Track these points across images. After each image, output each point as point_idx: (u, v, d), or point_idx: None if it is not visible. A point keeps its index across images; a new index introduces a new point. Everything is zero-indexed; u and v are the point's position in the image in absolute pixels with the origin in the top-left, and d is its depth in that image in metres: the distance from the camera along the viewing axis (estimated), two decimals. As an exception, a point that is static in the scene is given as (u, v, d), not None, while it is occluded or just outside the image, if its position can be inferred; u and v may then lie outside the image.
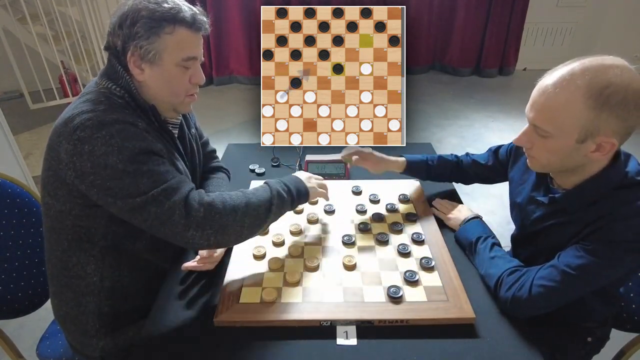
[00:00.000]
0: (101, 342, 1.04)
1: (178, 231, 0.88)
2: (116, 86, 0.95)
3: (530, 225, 1.03)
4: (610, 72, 0.77)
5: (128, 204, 0.87)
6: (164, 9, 0.91)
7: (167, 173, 0.91)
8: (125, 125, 0.88)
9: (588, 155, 0.84)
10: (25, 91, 3.43)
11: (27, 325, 1.74)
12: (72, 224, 0.95)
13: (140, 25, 0.90)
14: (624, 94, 0.76)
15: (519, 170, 1.13)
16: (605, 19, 4.75)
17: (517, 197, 1.10)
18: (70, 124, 0.86)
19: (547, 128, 0.84)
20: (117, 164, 0.85)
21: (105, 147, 0.85)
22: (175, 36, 0.93)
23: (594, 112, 0.78)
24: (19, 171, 2.37)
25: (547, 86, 0.83)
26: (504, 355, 0.86)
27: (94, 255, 0.98)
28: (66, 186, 0.91)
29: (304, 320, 0.92)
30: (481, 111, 4.00)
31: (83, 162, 0.85)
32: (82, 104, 0.90)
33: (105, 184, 0.86)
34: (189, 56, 0.96)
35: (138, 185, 0.86)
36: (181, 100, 1.02)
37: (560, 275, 0.87)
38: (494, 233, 1.11)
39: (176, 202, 0.88)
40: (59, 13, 3.53)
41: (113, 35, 0.94)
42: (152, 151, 0.91)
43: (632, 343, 1.16)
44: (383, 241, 1.13)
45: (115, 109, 0.91)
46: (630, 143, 0.87)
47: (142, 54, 0.92)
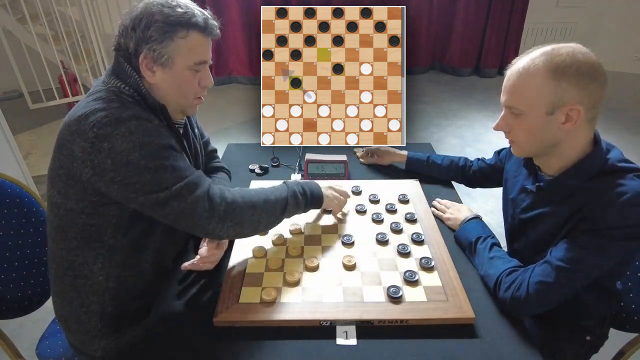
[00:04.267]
0: (103, 342, 1.04)
1: (201, 223, 0.92)
2: (125, 85, 0.95)
3: (520, 213, 1.06)
4: (562, 50, 0.87)
5: (151, 199, 0.88)
6: (177, 13, 0.92)
7: (187, 169, 0.93)
8: (142, 121, 0.89)
9: (560, 128, 0.89)
10: (25, 91, 3.43)
11: (27, 325, 1.74)
12: (83, 222, 0.95)
13: (155, 29, 0.91)
14: (577, 66, 0.85)
15: (513, 165, 1.16)
16: (605, 19, 4.75)
17: (511, 192, 1.13)
18: (84, 122, 0.86)
19: (517, 105, 0.92)
20: (140, 160, 0.86)
21: (126, 143, 0.85)
22: (188, 41, 0.94)
23: (553, 83, 0.86)
24: (19, 171, 2.37)
25: (512, 71, 0.93)
26: (503, 355, 0.86)
27: (101, 254, 0.98)
28: (80, 184, 0.90)
29: (304, 320, 0.92)
30: (481, 111, 4.00)
31: (102, 159, 0.85)
32: (94, 102, 0.90)
33: (127, 181, 0.86)
34: (200, 60, 0.98)
35: (161, 180, 0.88)
36: (190, 102, 1.03)
37: (555, 270, 0.89)
38: (494, 233, 1.11)
39: (199, 196, 0.91)
40: (59, 13, 3.53)
41: (125, 37, 0.94)
42: (171, 146, 0.93)
43: (632, 343, 1.16)
44: (383, 241, 1.13)
45: (128, 105, 0.91)
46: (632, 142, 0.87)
47: (155, 57, 0.93)
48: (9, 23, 3.44)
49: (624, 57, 4.74)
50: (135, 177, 0.86)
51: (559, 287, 0.89)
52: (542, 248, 0.95)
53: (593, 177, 0.91)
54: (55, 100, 3.61)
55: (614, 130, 3.48)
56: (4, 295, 1.16)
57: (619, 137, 3.28)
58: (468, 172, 1.41)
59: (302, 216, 1.24)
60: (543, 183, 0.99)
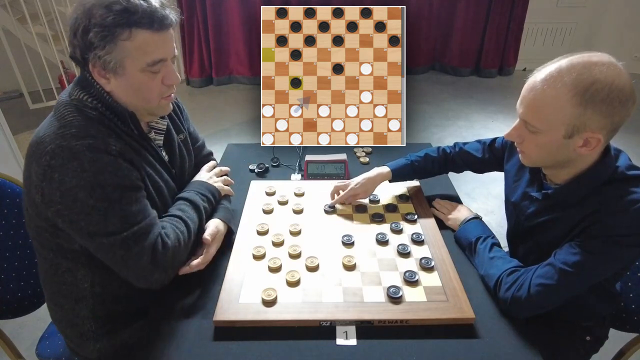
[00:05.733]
0: (98, 344, 1.03)
1: (144, 274, 0.89)
2: (89, 96, 0.89)
3: (525, 220, 1.05)
4: (595, 70, 0.79)
5: (94, 242, 0.84)
6: (115, 11, 0.81)
7: (138, 213, 0.87)
8: (99, 154, 0.82)
9: (576, 150, 0.86)
10: (24, 91, 3.43)
11: (27, 325, 1.74)
12: (51, 236, 0.91)
13: (93, 34, 0.81)
14: (608, 91, 0.78)
15: (514, 166, 1.14)
16: (605, 19, 4.75)
17: (512, 195, 1.11)
18: (42, 146, 0.81)
19: (535, 124, 0.86)
20: (88, 200, 0.81)
21: (77, 179, 0.80)
22: (133, 41, 0.83)
23: (579, 109, 0.80)
24: (19, 171, 2.37)
25: (536, 83, 0.85)
26: (503, 355, 0.86)
27: (81, 262, 0.95)
28: (35, 207, 0.88)
29: (304, 320, 0.92)
30: (481, 111, 4.00)
31: (52, 190, 0.81)
32: (55, 122, 0.85)
33: (72, 217, 0.82)
34: (154, 60, 0.87)
35: (107, 224, 0.83)
36: (155, 104, 0.94)
37: (558, 273, 0.88)
38: (494, 233, 1.11)
39: (145, 248, 0.86)
40: (59, 13, 3.53)
41: (71, 45, 0.86)
42: (126, 186, 0.86)
43: (632, 343, 1.15)
44: (383, 241, 1.13)
45: (88, 128, 0.84)
46: (630, 143, 0.87)
47: (103, 64, 0.85)
48: (9, 23, 3.45)
49: (624, 57, 4.68)
50: (82, 216, 0.82)
51: (561, 290, 0.89)
52: (545, 252, 0.94)
53: (603, 184, 0.89)
54: (55, 100, 3.61)
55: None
56: (4, 295, 1.16)
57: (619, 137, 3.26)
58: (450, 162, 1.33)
59: (302, 216, 1.25)
60: (551, 191, 0.96)
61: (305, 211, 1.27)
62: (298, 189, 1.36)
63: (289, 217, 1.24)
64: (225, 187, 1.21)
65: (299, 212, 1.26)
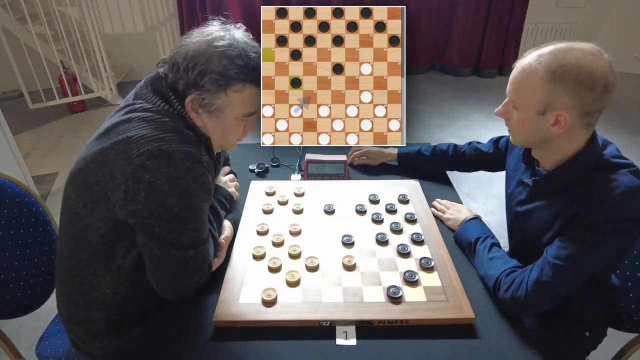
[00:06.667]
0: (105, 342, 1.03)
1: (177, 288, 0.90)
2: (173, 110, 0.91)
3: (515, 206, 1.08)
4: (570, 54, 0.86)
5: (160, 248, 0.84)
6: (237, 66, 0.88)
7: (205, 227, 0.91)
8: (195, 164, 0.84)
9: (550, 128, 0.90)
10: (24, 91, 3.43)
11: (27, 325, 1.74)
12: (97, 240, 0.91)
13: (209, 80, 0.87)
14: (577, 73, 0.84)
15: (513, 159, 1.16)
16: (605, 19, 4.75)
17: (510, 186, 1.14)
18: (134, 146, 0.81)
19: (514, 99, 0.95)
20: (173, 207, 0.82)
21: (169, 185, 0.80)
22: (243, 94, 0.91)
23: (548, 85, 0.87)
24: (19, 171, 2.36)
25: (521, 63, 0.93)
26: (503, 355, 0.86)
27: (111, 270, 0.94)
28: (106, 204, 0.86)
29: (304, 320, 0.92)
30: (481, 111, 4.00)
31: (137, 189, 0.81)
32: (145, 124, 0.85)
33: (149, 221, 0.82)
34: (250, 112, 0.96)
35: (181, 234, 0.84)
36: (230, 144, 1.03)
37: (552, 269, 0.89)
38: (494, 233, 1.11)
39: (198, 270, 0.89)
40: (59, 13, 3.53)
41: (174, 73, 0.89)
42: (207, 199, 0.90)
43: (632, 343, 1.16)
44: (383, 241, 1.13)
45: (183, 137, 0.87)
46: (630, 143, 0.88)
47: (202, 104, 0.90)
48: (9, 23, 3.44)
49: (624, 57, 4.74)
50: (160, 221, 0.82)
51: (558, 285, 0.90)
52: (536, 242, 0.97)
53: (588, 172, 0.92)
54: (55, 100, 3.61)
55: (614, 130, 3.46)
56: (4, 295, 1.16)
57: (618, 137, 3.28)
58: (461, 158, 1.41)
59: (301, 216, 1.25)
60: (539, 177, 1.00)
61: (305, 211, 1.27)
62: (298, 189, 1.36)
63: (289, 217, 1.24)
64: (236, 193, 1.25)
65: (299, 212, 1.26)
